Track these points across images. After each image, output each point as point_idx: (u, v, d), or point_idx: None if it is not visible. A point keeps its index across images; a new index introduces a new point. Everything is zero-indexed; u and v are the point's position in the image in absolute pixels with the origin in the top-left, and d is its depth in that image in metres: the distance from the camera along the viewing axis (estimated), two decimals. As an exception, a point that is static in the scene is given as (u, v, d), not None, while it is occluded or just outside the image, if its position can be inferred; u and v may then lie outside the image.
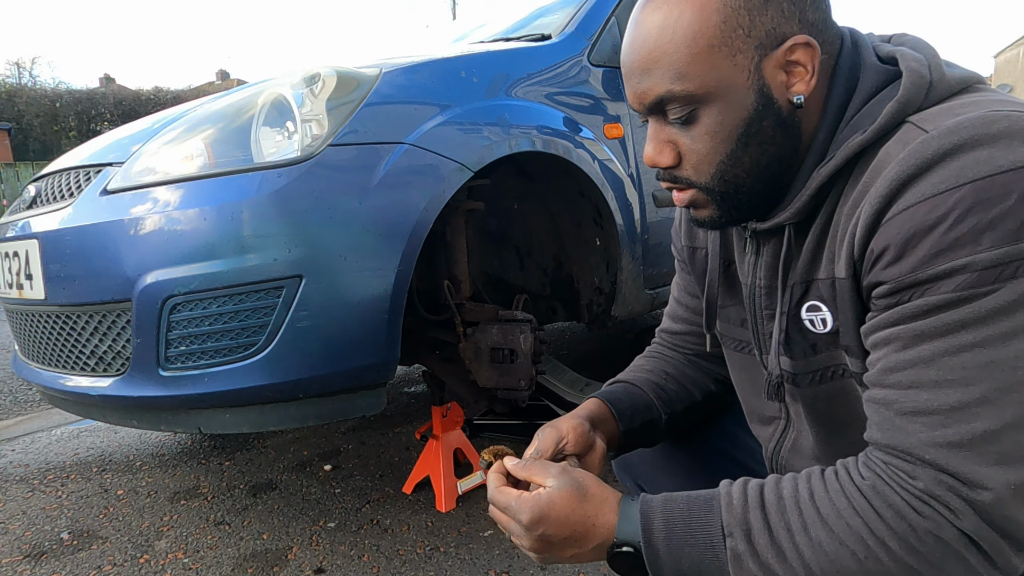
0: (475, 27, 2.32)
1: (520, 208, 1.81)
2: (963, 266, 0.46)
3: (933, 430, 0.47)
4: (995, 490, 0.45)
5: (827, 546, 0.49)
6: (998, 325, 0.46)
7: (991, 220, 0.46)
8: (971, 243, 0.46)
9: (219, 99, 1.35)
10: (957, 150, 0.47)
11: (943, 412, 0.47)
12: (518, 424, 1.89)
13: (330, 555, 1.40)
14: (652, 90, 0.59)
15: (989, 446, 0.45)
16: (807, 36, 0.56)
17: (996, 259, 0.45)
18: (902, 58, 0.57)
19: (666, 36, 0.58)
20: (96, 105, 20.26)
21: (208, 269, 1.10)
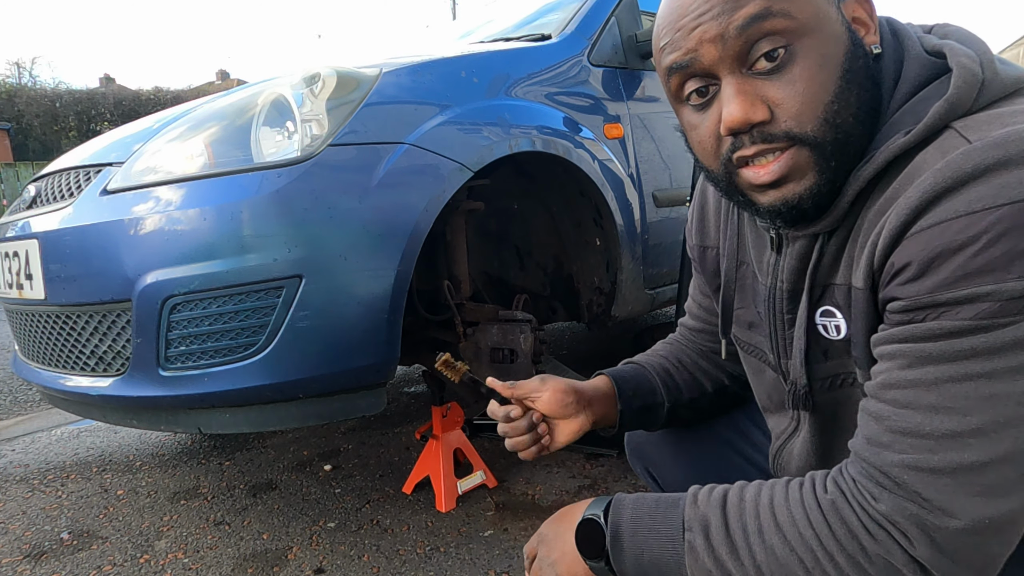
0: (482, 23, 2.32)
1: (520, 208, 1.81)
2: (987, 294, 0.43)
3: (918, 453, 0.46)
4: (965, 521, 0.44)
5: (778, 551, 0.50)
6: (1011, 359, 0.43)
7: (1019, 248, 0.42)
8: (1000, 270, 0.43)
9: (219, 99, 1.35)
10: (1001, 166, 0.43)
11: (933, 438, 0.45)
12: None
13: (330, 555, 1.40)
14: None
15: (974, 477, 0.44)
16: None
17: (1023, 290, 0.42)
18: (951, 53, 0.51)
19: None
20: (96, 105, 20.26)
21: (208, 269, 1.10)
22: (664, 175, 1.85)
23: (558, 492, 1.63)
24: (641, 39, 1.83)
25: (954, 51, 0.51)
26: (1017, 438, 0.43)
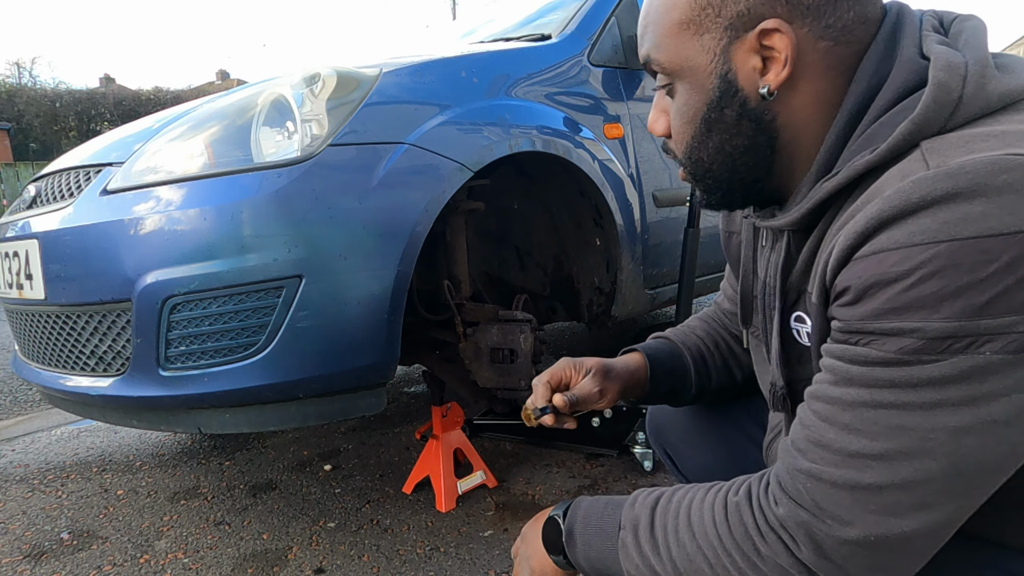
0: (483, 23, 2.32)
1: (520, 208, 1.82)
2: (912, 330, 0.43)
3: (825, 465, 0.48)
4: (854, 533, 0.46)
5: (688, 548, 0.54)
6: (924, 395, 0.44)
7: (956, 289, 0.41)
8: (928, 308, 0.42)
9: (219, 99, 1.35)
10: (949, 198, 0.41)
11: (841, 454, 0.47)
12: (518, 424, 1.89)
13: (330, 555, 1.40)
14: (642, 53, 0.60)
15: (870, 496, 0.46)
16: (779, 21, 0.51)
17: (948, 332, 0.42)
18: (935, 62, 0.48)
19: (654, 5, 0.58)
20: (96, 105, 20.26)
21: (208, 269, 1.10)
22: (664, 175, 1.85)
23: (558, 492, 1.63)
24: (641, 39, 1.83)
25: (938, 60, 0.48)
26: (916, 469, 0.44)
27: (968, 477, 0.44)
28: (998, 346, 0.41)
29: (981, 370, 0.42)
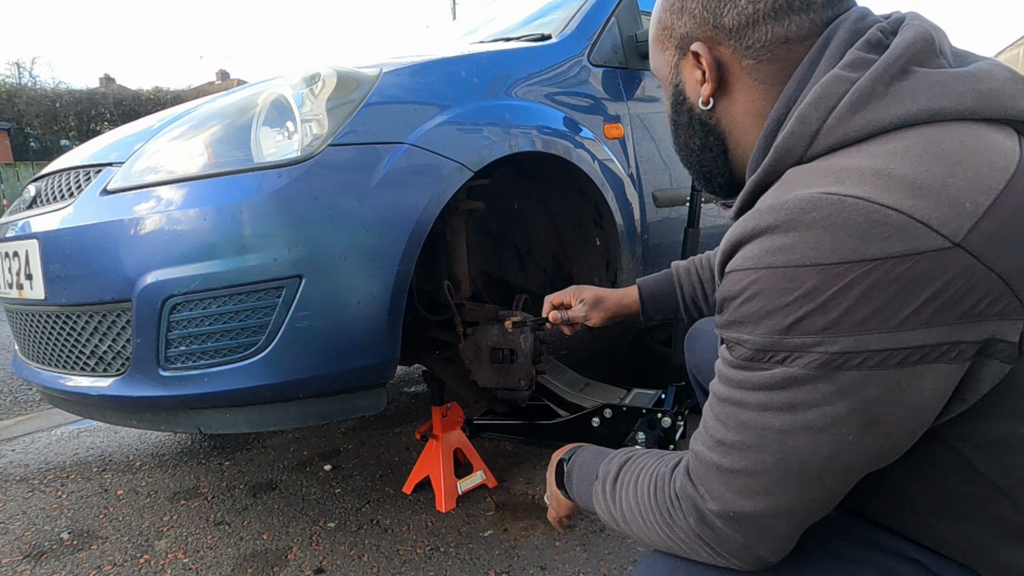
0: (485, 21, 2.32)
1: (520, 208, 1.82)
2: (744, 341, 0.50)
3: (704, 447, 0.55)
4: (718, 508, 0.54)
5: (632, 504, 0.63)
6: (758, 397, 0.50)
7: (769, 311, 0.48)
8: (752, 324, 0.49)
9: (219, 99, 1.35)
10: (771, 230, 0.48)
11: (713, 439, 0.54)
12: (518, 424, 1.89)
13: (330, 555, 1.40)
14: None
15: (730, 478, 0.53)
16: (700, 43, 0.60)
17: (766, 345, 0.49)
18: (810, 94, 0.52)
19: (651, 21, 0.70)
20: (96, 105, 20.26)
21: (208, 269, 1.10)
22: (664, 175, 1.85)
23: (558, 492, 1.63)
24: (641, 39, 1.83)
25: (811, 93, 0.52)
26: (755, 460, 0.51)
27: (797, 473, 0.50)
28: (804, 362, 0.47)
29: (795, 380, 0.48)
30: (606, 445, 1.82)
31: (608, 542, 1.40)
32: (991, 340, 0.45)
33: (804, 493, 0.51)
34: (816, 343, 0.46)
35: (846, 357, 0.46)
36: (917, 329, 0.44)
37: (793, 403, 0.48)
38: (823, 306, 0.45)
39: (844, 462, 0.49)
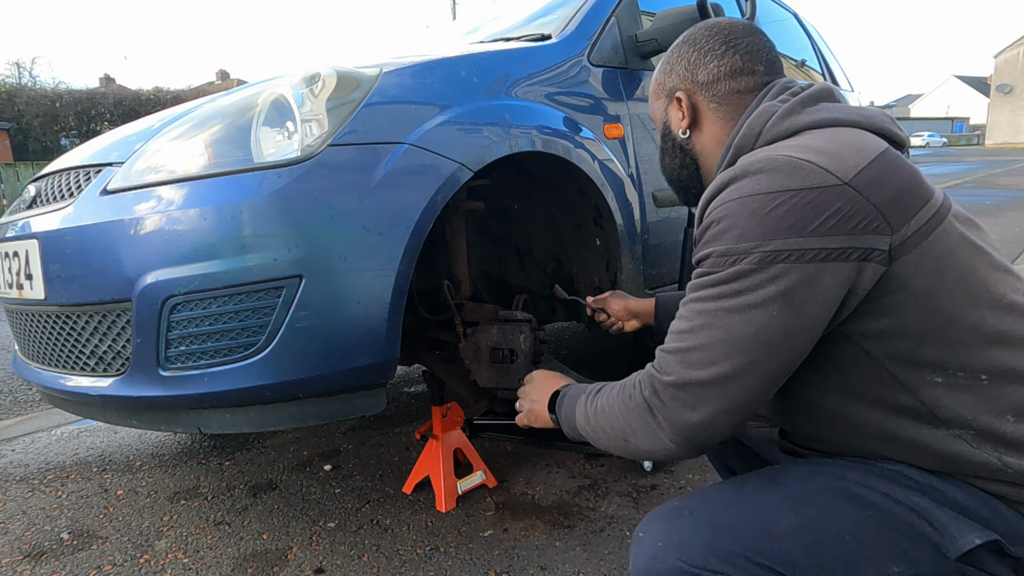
0: (487, 20, 2.32)
1: (520, 208, 1.81)
2: (711, 253, 0.71)
3: (668, 342, 0.75)
4: (672, 378, 0.73)
5: (604, 397, 0.83)
6: (714, 291, 0.71)
7: (729, 227, 0.70)
8: (717, 239, 0.71)
9: (219, 99, 1.35)
10: (734, 179, 0.72)
11: (674, 332, 0.75)
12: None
13: (330, 555, 1.40)
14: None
15: (681, 355, 0.72)
16: (682, 92, 0.90)
17: (726, 251, 0.70)
18: (755, 115, 0.80)
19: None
20: (96, 105, 20.25)
21: (208, 269, 1.10)
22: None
23: (558, 492, 1.63)
24: (641, 39, 1.83)
25: (755, 112, 0.81)
26: (706, 336, 0.70)
27: (736, 343, 0.69)
28: (749, 259, 0.68)
29: (742, 273, 0.68)
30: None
31: (608, 542, 1.40)
32: (870, 249, 0.67)
33: (739, 362, 0.69)
34: (757, 245, 0.68)
35: (775, 254, 0.67)
36: (822, 236, 0.66)
37: (740, 289, 0.69)
38: (762, 219, 0.68)
39: (769, 334, 0.68)
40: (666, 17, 1.75)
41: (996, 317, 0.69)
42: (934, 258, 0.68)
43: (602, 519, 1.49)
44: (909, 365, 0.70)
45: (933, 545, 0.67)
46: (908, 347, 0.69)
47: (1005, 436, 0.67)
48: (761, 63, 0.87)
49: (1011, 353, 0.68)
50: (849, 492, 0.71)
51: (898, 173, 0.69)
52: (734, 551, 0.68)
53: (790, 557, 0.67)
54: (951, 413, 0.69)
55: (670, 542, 0.71)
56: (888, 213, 0.67)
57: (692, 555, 0.69)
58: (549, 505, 1.57)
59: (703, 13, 1.65)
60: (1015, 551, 0.67)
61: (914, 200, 0.69)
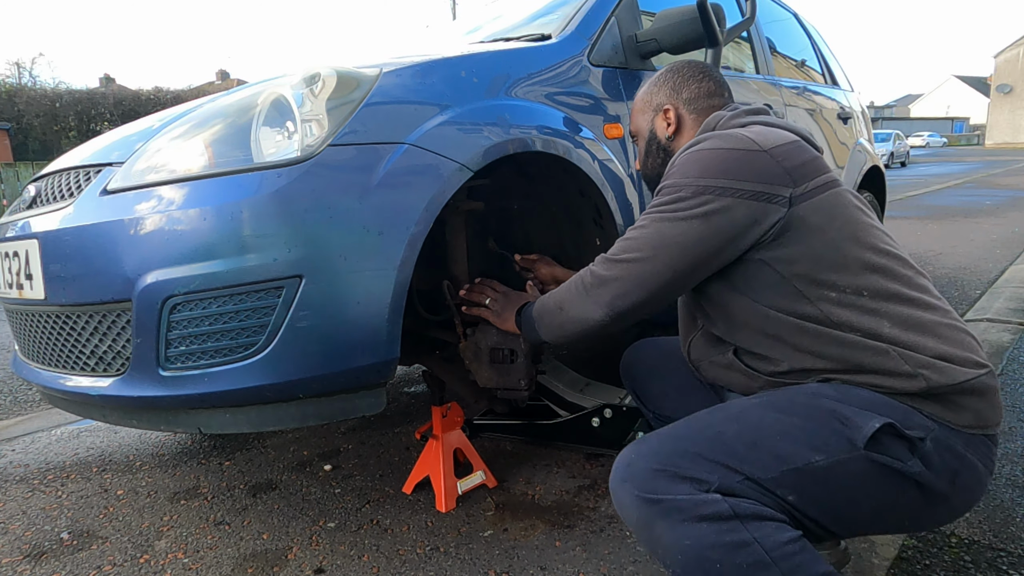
0: (487, 20, 2.32)
1: (520, 208, 1.81)
2: (663, 187, 0.99)
3: (612, 248, 1.04)
4: (608, 255, 1.03)
5: (562, 288, 1.12)
6: (658, 208, 0.98)
7: (678, 170, 0.98)
8: (668, 178, 0.99)
9: (219, 99, 1.35)
10: (691, 146, 1.02)
11: (619, 244, 1.03)
12: (518, 424, 1.89)
13: (330, 555, 1.40)
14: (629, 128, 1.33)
15: (621, 243, 1.03)
16: (669, 106, 1.18)
17: (671, 184, 0.98)
18: (711, 117, 1.10)
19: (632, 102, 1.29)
20: (96, 105, 20.24)
21: (208, 269, 1.10)
22: (664, 175, 1.85)
23: (558, 492, 1.63)
24: (641, 39, 1.83)
25: (712, 115, 1.10)
26: (642, 237, 0.99)
27: (662, 241, 0.96)
28: (687, 189, 0.95)
29: (680, 198, 0.96)
30: (606, 445, 1.84)
31: (608, 542, 1.40)
32: (774, 195, 0.92)
33: (658, 252, 0.96)
34: (695, 181, 0.95)
35: (706, 188, 0.93)
36: (742, 181, 0.92)
37: (675, 208, 0.96)
38: (703, 166, 0.96)
39: (686, 238, 0.94)
40: (666, 17, 1.75)
41: (872, 255, 0.92)
42: (826, 207, 0.93)
43: (602, 519, 1.49)
44: (810, 283, 0.92)
45: (846, 439, 0.84)
46: (808, 269, 0.92)
47: (885, 336, 0.88)
48: (727, 90, 1.19)
49: (885, 280, 0.91)
50: (778, 405, 0.90)
51: (803, 154, 0.96)
52: (692, 451, 0.85)
53: (737, 452, 0.85)
54: (843, 319, 0.90)
55: (641, 453, 0.88)
56: (792, 173, 0.93)
57: (660, 458, 0.86)
58: (549, 505, 1.57)
59: (703, 13, 1.65)
60: (910, 433, 0.84)
61: (813, 171, 0.95)
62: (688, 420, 0.93)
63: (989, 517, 1.41)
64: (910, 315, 0.90)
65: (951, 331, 0.90)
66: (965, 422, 0.86)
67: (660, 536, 0.82)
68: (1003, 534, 1.34)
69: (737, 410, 0.92)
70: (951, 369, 0.86)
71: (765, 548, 0.79)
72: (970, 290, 3.74)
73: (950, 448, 0.86)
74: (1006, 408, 1.98)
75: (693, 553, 0.80)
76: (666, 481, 0.83)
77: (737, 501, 0.81)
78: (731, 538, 0.79)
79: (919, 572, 1.23)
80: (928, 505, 0.87)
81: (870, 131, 3.71)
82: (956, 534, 1.35)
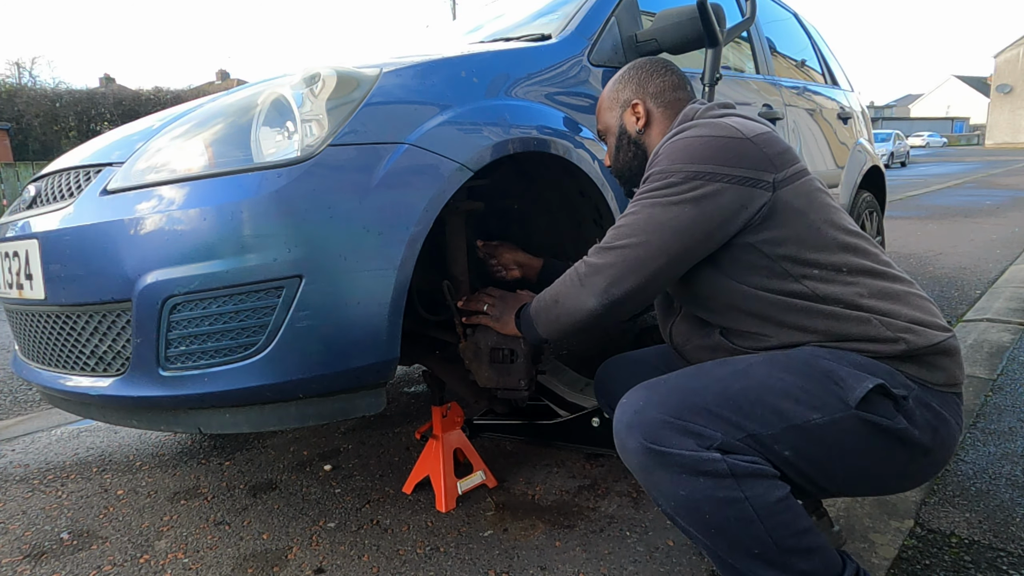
0: (488, 20, 2.32)
1: (520, 208, 1.81)
2: (651, 173, 1.02)
3: (605, 238, 1.05)
4: (601, 243, 1.05)
5: (556, 283, 1.12)
6: (649, 194, 1.01)
7: (666, 157, 1.02)
8: (657, 165, 1.02)
9: (219, 99, 1.35)
10: (675, 134, 1.06)
11: (610, 233, 1.04)
12: (518, 424, 1.89)
13: (330, 555, 1.40)
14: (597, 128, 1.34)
15: (613, 231, 1.04)
16: (637, 100, 1.21)
17: (661, 171, 1.01)
18: (688, 108, 1.15)
19: (599, 101, 1.32)
20: (96, 105, 20.24)
21: (208, 269, 1.10)
22: (664, 175, 1.84)
23: (558, 492, 1.63)
24: (641, 39, 1.83)
25: (687, 107, 1.16)
26: (634, 222, 1.01)
27: (654, 226, 0.99)
28: (677, 176, 0.98)
29: (670, 183, 0.99)
30: (606, 445, 1.84)
31: (608, 542, 1.40)
32: (759, 180, 0.97)
33: (651, 237, 0.99)
34: (684, 167, 0.98)
35: (696, 173, 0.97)
36: (730, 166, 0.97)
37: (666, 193, 0.99)
38: (691, 152, 0.99)
39: (678, 222, 0.97)
40: (666, 17, 1.75)
41: (845, 236, 1.00)
42: (804, 192, 0.99)
43: (602, 519, 1.49)
44: (795, 263, 0.97)
45: (839, 398, 0.89)
46: (793, 250, 0.97)
47: (864, 306, 0.95)
48: (689, 84, 1.24)
49: (857, 257, 0.99)
50: (780, 364, 0.95)
51: (780, 143, 1.02)
52: (699, 405, 0.90)
53: (742, 408, 0.89)
54: (827, 293, 0.96)
55: (650, 401, 0.92)
56: (774, 160, 0.98)
57: (669, 409, 0.90)
58: (549, 505, 1.57)
59: (703, 13, 1.65)
60: (896, 392, 0.91)
61: (791, 158, 1.01)
62: (697, 370, 0.98)
63: (989, 517, 1.41)
64: (883, 287, 0.97)
65: (919, 300, 0.99)
66: (939, 380, 0.95)
67: (658, 482, 0.89)
68: (1003, 534, 1.34)
69: (744, 366, 0.96)
70: (926, 332, 0.94)
71: (754, 507, 0.86)
72: (970, 290, 3.74)
73: (928, 405, 0.93)
74: (1006, 408, 1.98)
75: (687, 502, 0.88)
76: (673, 434, 0.88)
77: (736, 460, 0.87)
78: (724, 494, 0.86)
79: (919, 572, 1.23)
80: (912, 460, 0.94)
81: (870, 131, 3.71)
82: (956, 534, 1.35)
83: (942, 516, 1.42)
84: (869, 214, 3.42)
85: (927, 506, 1.46)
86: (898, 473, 0.96)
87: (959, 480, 1.57)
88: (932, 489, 1.53)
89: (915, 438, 0.91)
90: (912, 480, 1.00)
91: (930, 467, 0.97)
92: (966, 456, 1.68)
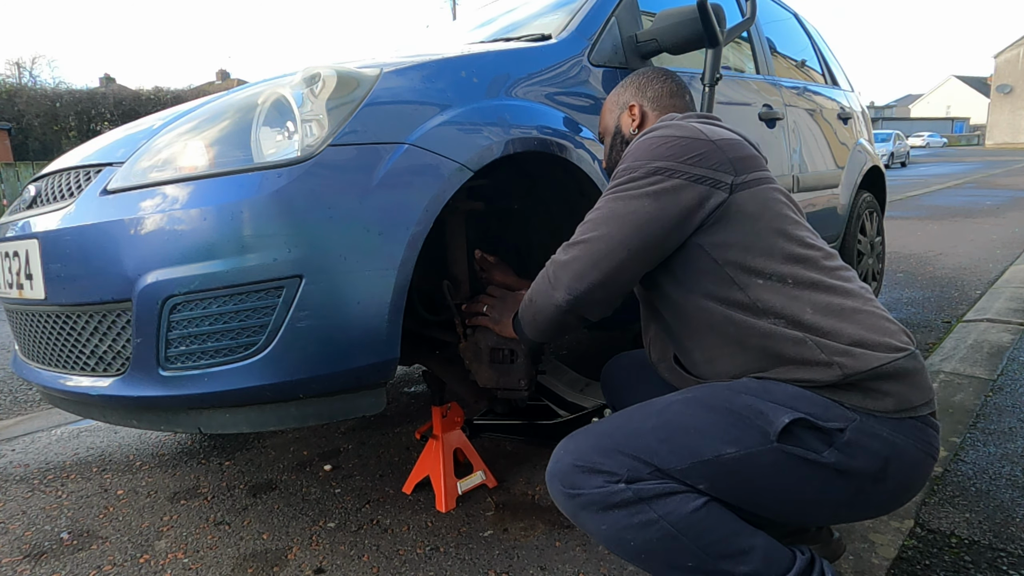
0: (490, 19, 2.32)
1: (520, 208, 1.81)
2: (619, 171, 1.05)
3: (573, 236, 1.06)
4: (569, 240, 1.06)
5: (532, 287, 1.13)
6: (613, 190, 1.03)
7: (631, 154, 1.05)
8: (623, 162, 1.05)
9: (219, 99, 1.35)
10: (645, 134, 1.07)
11: (577, 229, 1.06)
12: (518, 424, 1.89)
13: (330, 555, 1.40)
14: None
15: (580, 227, 1.06)
16: (635, 103, 1.27)
17: (626, 167, 1.03)
18: (667, 115, 1.17)
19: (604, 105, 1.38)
20: (96, 105, 20.24)
21: (208, 269, 1.10)
22: (664, 175, 1.84)
23: (558, 492, 1.63)
24: (641, 39, 1.83)
25: (667, 116, 1.16)
26: (597, 217, 1.03)
27: (615, 219, 1.00)
28: (640, 171, 1.01)
29: (633, 179, 1.01)
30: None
31: (608, 542, 1.40)
32: (718, 180, 0.99)
33: (612, 230, 1.00)
34: (646, 163, 1.01)
35: (657, 169, 0.99)
36: (690, 165, 0.98)
37: (628, 188, 1.01)
38: (654, 150, 1.02)
39: (638, 216, 0.99)
40: (666, 17, 1.75)
41: (797, 247, 0.99)
42: (761, 198, 1.00)
43: (602, 519, 1.49)
44: (741, 270, 0.97)
45: (760, 431, 0.89)
46: (740, 256, 0.97)
47: (805, 323, 0.93)
48: (688, 93, 1.29)
49: (806, 270, 0.97)
50: (698, 401, 0.95)
51: (745, 150, 1.03)
52: (608, 447, 0.92)
53: (651, 447, 0.90)
54: (769, 305, 0.95)
55: (568, 448, 0.95)
56: (735, 164, 1.00)
57: (580, 454, 0.92)
58: (549, 505, 1.57)
59: (703, 13, 1.65)
60: (827, 425, 0.89)
61: (753, 165, 1.02)
62: (616, 416, 1.00)
63: (989, 517, 1.41)
64: (829, 302, 0.95)
65: (869, 318, 0.94)
66: (887, 407, 0.90)
67: (584, 523, 0.92)
68: (1003, 534, 1.34)
69: (661, 406, 0.97)
70: (866, 355, 0.90)
71: (671, 523, 0.88)
72: (970, 290, 3.74)
73: (876, 435, 0.90)
74: (1006, 408, 1.98)
75: (611, 535, 0.90)
76: (582, 476, 0.91)
77: (640, 486, 0.89)
78: (639, 519, 0.88)
79: (919, 572, 1.23)
80: (860, 491, 0.91)
81: (870, 131, 3.71)
82: (956, 534, 1.35)
83: (942, 516, 1.42)
84: (869, 214, 3.42)
85: (927, 506, 1.46)
86: (848, 503, 0.93)
87: (959, 480, 1.57)
88: (932, 489, 1.53)
89: (856, 469, 0.89)
90: (871, 509, 0.97)
91: (889, 497, 0.94)
92: (966, 456, 1.68)
